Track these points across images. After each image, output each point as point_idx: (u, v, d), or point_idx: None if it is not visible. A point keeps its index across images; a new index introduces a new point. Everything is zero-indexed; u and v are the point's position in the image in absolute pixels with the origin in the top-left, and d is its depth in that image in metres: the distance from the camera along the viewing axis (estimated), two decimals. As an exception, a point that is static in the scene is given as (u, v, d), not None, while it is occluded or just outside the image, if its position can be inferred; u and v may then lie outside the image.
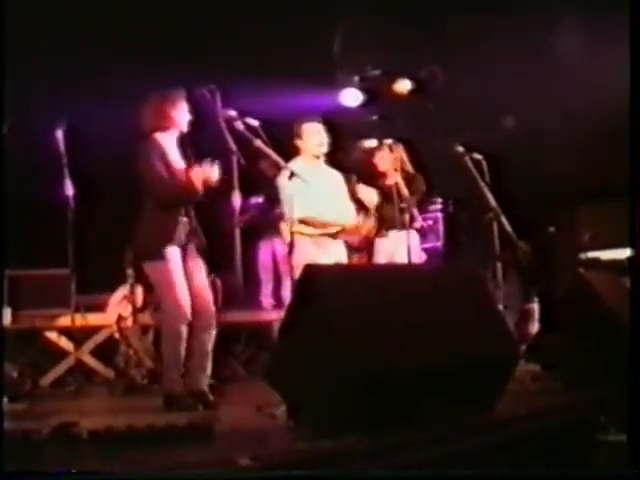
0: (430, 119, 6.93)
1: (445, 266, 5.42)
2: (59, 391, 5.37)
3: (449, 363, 3.21)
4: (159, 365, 5.04)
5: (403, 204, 5.55)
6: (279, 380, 3.30)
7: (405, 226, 5.53)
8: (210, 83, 4.15)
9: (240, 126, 4.20)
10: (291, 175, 4.48)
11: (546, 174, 7.10)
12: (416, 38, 6.33)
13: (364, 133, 6.75)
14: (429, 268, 4.93)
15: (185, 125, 4.31)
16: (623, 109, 3.65)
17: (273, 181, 5.01)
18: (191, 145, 4.35)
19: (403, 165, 5.97)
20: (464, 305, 3.48)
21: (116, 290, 5.84)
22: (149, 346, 5.60)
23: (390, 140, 5.90)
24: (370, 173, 6.02)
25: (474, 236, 6.93)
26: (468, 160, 5.40)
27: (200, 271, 4.30)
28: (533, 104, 6.78)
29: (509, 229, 5.30)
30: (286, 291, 6.08)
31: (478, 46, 6.34)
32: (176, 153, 4.29)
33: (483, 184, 5.36)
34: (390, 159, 5.83)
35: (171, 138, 4.30)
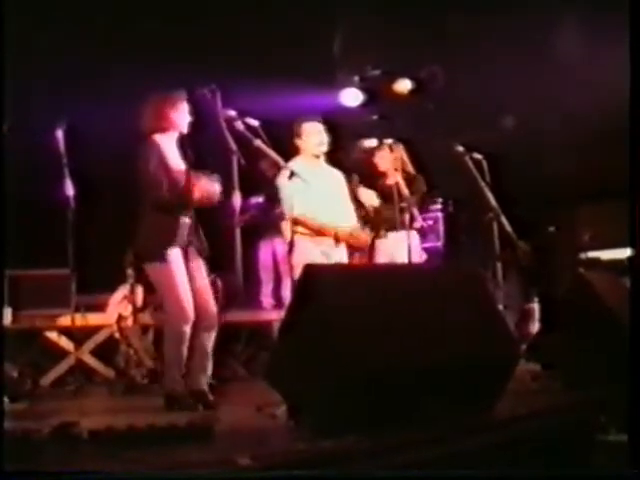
0: (430, 119, 6.94)
1: (445, 266, 5.42)
2: (59, 391, 5.38)
3: (449, 363, 3.21)
4: (159, 365, 5.05)
5: (403, 204, 5.54)
6: (279, 380, 3.30)
7: (405, 226, 5.53)
8: (210, 83, 4.14)
9: (240, 126, 4.20)
10: (291, 175, 4.48)
11: (546, 174, 7.10)
12: (416, 38, 6.33)
13: (364, 133, 6.76)
14: (429, 268, 4.92)
15: (185, 126, 4.30)
16: (623, 109, 3.65)
17: (273, 181, 5.01)
18: (191, 146, 4.35)
19: (403, 165, 5.96)
20: (464, 305, 3.48)
21: (116, 290, 5.85)
22: (149, 346, 5.61)
23: (390, 140, 5.90)
24: (370, 173, 6.02)
25: (474, 236, 6.93)
26: (468, 160, 5.40)
27: (201, 271, 4.29)
28: (533, 104, 6.78)
29: (509, 229, 5.30)
30: (286, 291, 6.09)
31: (478, 46, 6.35)
32: (176, 155, 4.28)
33: (483, 184, 5.36)
34: (390, 159, 5.83)
35: (170, 139, 4.29)
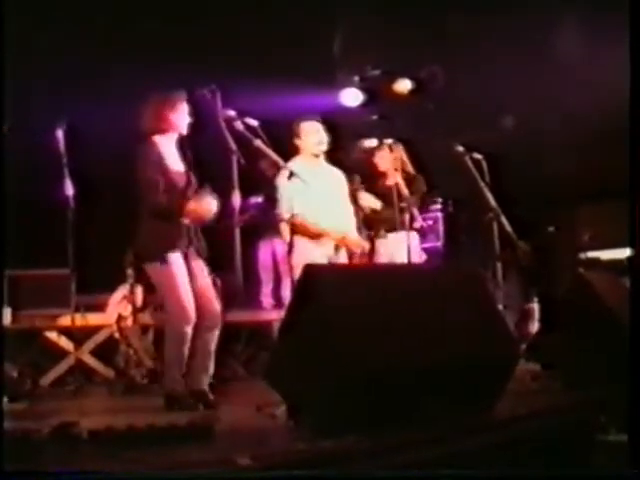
0: (430, 119, 6.94)
1: (445, 266, 5.41)
2: (59, 391, 5.37)
3: (449, 363, 3.21)
4: (159, 365, 5.05)
5: (403, 204, 5.55)
6: (279, 380, 3.30)
7: (405, 226, 5.53)
8: (210, 83, 4.14)
9: (240, 126, 4.20)
10: (290, 175, 4.48)
11: (546, 174, 7.10)
12: (416, 38, 6.33)
13: (364, 133, 6.76)
14: (429, 268, 4.92)
15: (184, 128, 4.28)
16: (623, 109, 3.66)
17: (273, 181, 5.00)
18: (191, 147, 4.34)
19: (403, 165, 5.96)
20: (464, 305, 3.48)
21: (116, 290, 5.85)
22: (149, 346, 5.60)
23: (390, 140, 5.90)
24: (370, 173, 6.03)
25: (474, 236, 6.93)
26: (468, 160, 5.40)
27: (202, 271, 4.28)
28: (533, 104, 6.78)
29: (509, 229, 5.30)
30: (286, 291, 6.08)
31: (478, 46, 6.34)
32: (175, 156, 4.27)
33: (483, 184, 5.36)
34: (390, 159, 5.83)
35: (170, 141, 4.28)
